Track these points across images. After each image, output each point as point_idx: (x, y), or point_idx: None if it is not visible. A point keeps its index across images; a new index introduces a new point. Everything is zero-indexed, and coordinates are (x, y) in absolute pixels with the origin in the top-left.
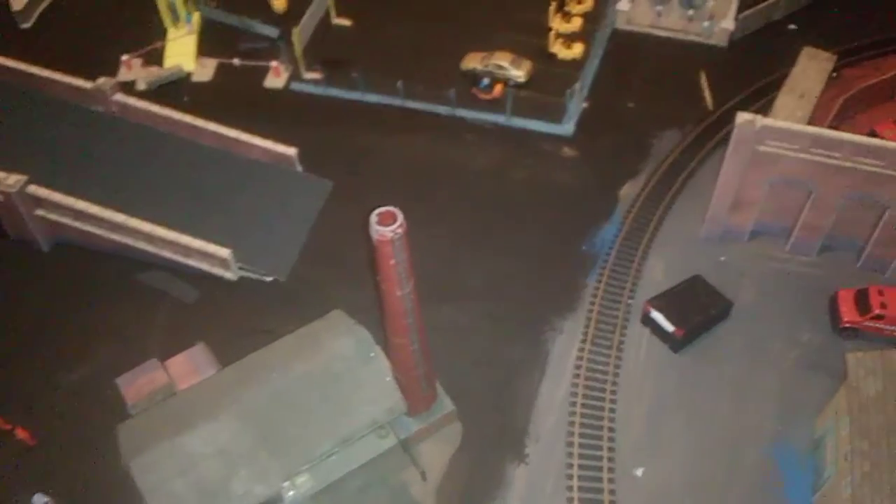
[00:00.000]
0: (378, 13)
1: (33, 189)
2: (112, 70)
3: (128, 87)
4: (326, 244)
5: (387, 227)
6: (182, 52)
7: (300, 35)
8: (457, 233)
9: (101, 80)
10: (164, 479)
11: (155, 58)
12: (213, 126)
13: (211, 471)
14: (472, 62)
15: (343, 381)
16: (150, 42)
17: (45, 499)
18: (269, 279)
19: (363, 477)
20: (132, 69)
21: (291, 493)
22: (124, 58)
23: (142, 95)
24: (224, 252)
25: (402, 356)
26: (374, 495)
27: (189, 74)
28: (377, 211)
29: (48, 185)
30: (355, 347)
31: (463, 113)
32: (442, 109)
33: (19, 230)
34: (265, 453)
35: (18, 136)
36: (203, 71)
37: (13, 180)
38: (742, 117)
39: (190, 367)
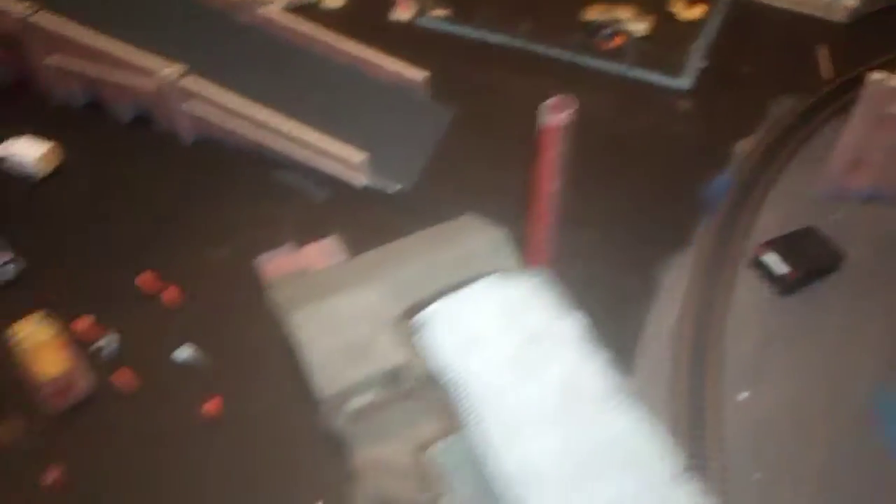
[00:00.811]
0: None
1: (187, 82)
2: None
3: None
4: (447, 167)
5: (557, 115)
6: None
7: None
8: (573, 171)
9: None
10: (317, 333)
11: None
12: (348, 45)
13: (359, 331)
14: (595, 13)
15: (477, 272)
16: None
17: (191, 349)
18: (393, 189)
19: None
20: None
21: (419, 370)
22: None
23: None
24: (357, 157)
25: (537, 253)
26: None
27: (319, 0)
28: (550, 100)
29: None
30: (492, 243)
31: (583, 60)
32: (563, 55)
33: (166, 122)
34: (408, 323)
35: (172, 35)
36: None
37: (170, 70)
38: (873, 76)
39: (324, 255)
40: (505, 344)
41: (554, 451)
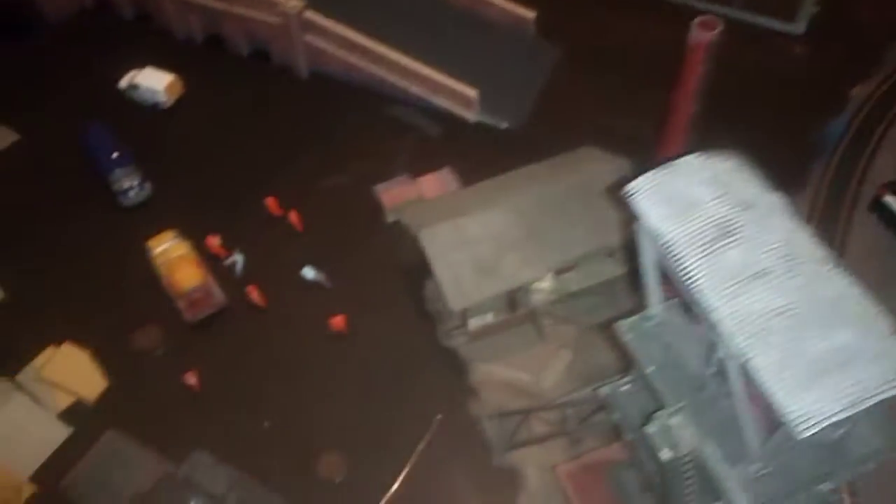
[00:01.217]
0: None
1: (310, 14)
2: None
3: None
4: (555, 105)
5: (706, 32)
6: None
7: None
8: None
9: None
10: (446, 250)
11: None
12: None
13: (485, 250)
14: None
15: (600, 200)
16: None
17: (314, 271)
18: (503, 126)
19: (594, 298)
20: None
21: (535, 295)
22: None
23: None
24: (471, 92)
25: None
26: (598, 316)
27: None
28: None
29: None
30: (615, 170)
31: (694, 2)
32: None
33: (284, 55)
34: (531, 245)
35: None
36: None
37: (294, 4)
38: None
39: (438, 185)
40: (721, 209)
41: (778, 307)
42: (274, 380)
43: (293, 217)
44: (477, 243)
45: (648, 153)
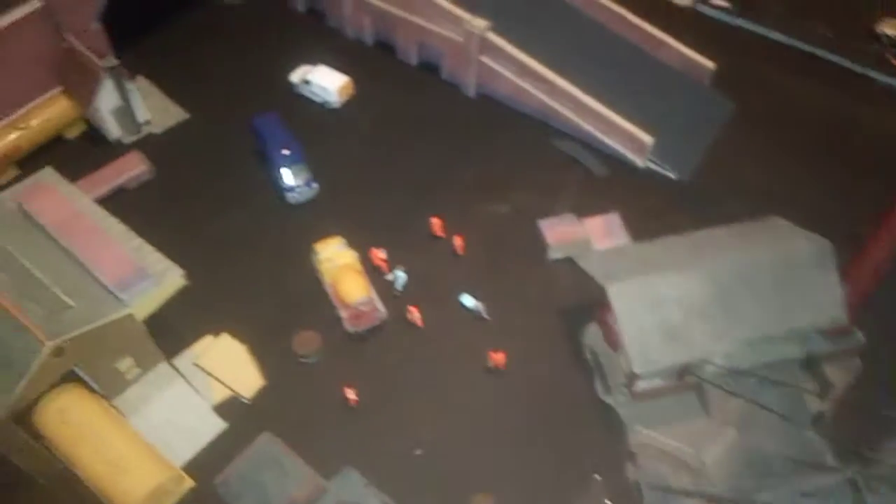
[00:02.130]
0: None
1: (492, 35)
2: None
3: None
4: (726, 161)
5: None
6: None
7: None
8: (850, 190)
9: None
10: (635, 308)
11: None
12: (639, 23)
13: (674, 315)
14: (890, 27)
15: (797, 278)
16: None
17: (473, 300)
18: (672, 176)
19: (766, 377)
20: None
21: (707, 366)
22: None
23: None
24: (646, 138)
25: (866, 272)
26: (767, 394)
27: None
28: None
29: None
30: (813, 251)
31: (874, 74)
32: (850, 64)
33: (455, 71)
34: (722, 316)
35: None
36: None
37: (479, 23)
38: None
39: (605, 230)
40: None
41: None
42: (428, 404)
43: (457, 242)
44: (667, 306)
45: (834, 233)
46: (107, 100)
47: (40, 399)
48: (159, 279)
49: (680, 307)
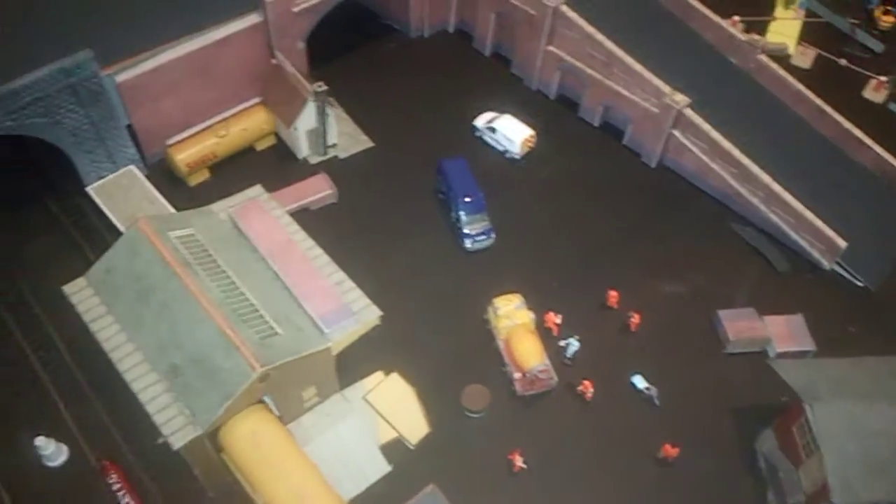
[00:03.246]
0: None
1: (690, 112)
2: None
3: None
4: None
5: None
6: (786, 32)
7: None
8: None
9: (754, 37)
10: (840, 434)
11: (758, 28)
12: (835, 117)
13: (882, 447)
14: None
15: None
16: (758, 13)
17: (645, 382)
18: (861, 282)
19: None
20: (735, 27)
21: None
22: (735, 18)
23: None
24: (839, 241)
25: None
26: None
27: (789, 55)
28: None
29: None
30: None
31: None
32: None
33: (639, 139)
34: None
35: (673, 62)
36: (802, 58)
37: (680, 99)
38: None
39: (788, 331)
40: None
41: None
42: (591, 482)
43: (634, 318)
44: (874, 436)
45: None
46: (306, 120)
47: (231, 417)
48: (359, 317)
49: (888, 440)
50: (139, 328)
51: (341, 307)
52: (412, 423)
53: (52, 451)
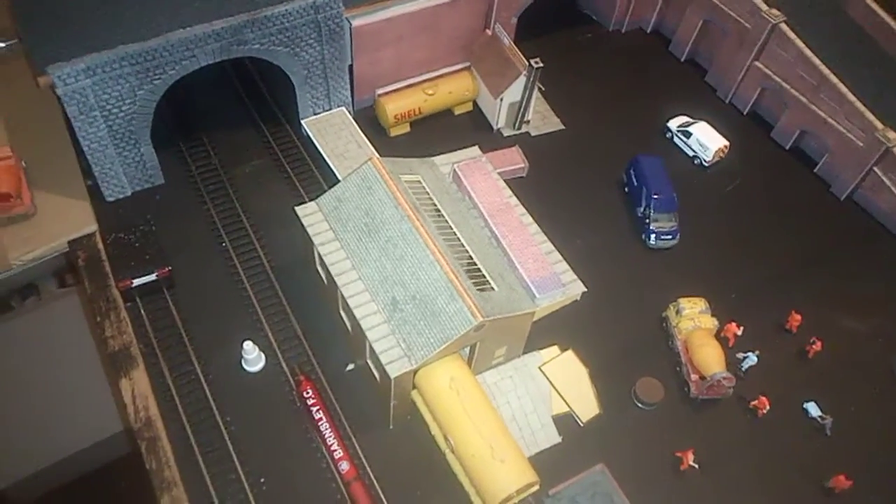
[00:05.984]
0: None
1: None
2: None
3: None
4: None
5: None
6: None
7: None
8: None
9: None
10: None
11: None
12: None
13: None
14: None
15: None
16: None
17: (819, 410)
18: None
19: None
20: None
21: None
22: None
23: None
24: None
25: None
26: None
27: None
28: None
29: None
30: None
31: None
32: None
33: (834, 170)
34: None
35: (886, 100)
36: None
37: (893, 136)
38: None
39: None
40: None
41: None
42: (757, 497)
43: (815, 345)
44: None
45: None
46: (513, 93)
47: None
48: (566, 290)
49: None
50: (363, 260)
51: (553, 276)
52: (584, 401)
53: (254, 357)
